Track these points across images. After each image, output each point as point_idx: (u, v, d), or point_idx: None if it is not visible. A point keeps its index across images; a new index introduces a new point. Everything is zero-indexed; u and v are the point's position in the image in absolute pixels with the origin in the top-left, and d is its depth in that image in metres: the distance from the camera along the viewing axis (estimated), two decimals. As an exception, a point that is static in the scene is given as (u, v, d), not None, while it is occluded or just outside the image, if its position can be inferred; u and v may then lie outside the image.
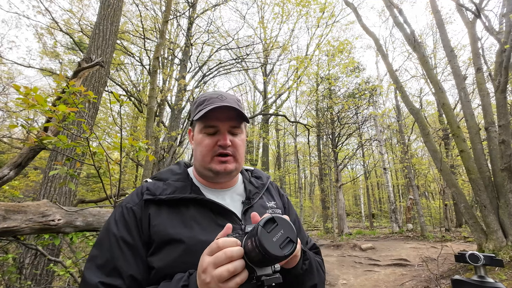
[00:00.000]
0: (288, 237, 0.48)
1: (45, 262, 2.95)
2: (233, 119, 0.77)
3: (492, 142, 4.97)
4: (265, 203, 0.84)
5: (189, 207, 0.72)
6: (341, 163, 14.27)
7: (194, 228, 0.69)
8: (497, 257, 0.96)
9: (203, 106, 0.77)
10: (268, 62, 12.85)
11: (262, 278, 0.49)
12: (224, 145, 0.75)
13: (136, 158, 9.17)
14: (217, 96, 0.78)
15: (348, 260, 7.38)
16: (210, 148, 0.76)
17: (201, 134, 0.77)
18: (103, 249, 0.66)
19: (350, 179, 21.97)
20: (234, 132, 0.78)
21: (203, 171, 0.79)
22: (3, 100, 10.62)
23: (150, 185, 0.76)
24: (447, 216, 11.59)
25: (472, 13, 5.25)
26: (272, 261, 0.47)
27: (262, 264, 0.49)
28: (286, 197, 0.98)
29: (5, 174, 2.01)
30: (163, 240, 0.66)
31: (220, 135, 0.76)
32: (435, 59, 14.92)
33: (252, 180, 0.91)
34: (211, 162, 0.76)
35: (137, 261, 0.65)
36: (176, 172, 0.83)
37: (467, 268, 4.65)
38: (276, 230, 0.48)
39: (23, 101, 1.58)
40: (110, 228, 0.69)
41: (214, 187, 0.82)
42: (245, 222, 0.75)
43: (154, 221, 0.69)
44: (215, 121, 0.76)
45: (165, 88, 8.86)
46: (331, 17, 12.32)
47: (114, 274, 0.62)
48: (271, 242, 0.46)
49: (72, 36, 7.48)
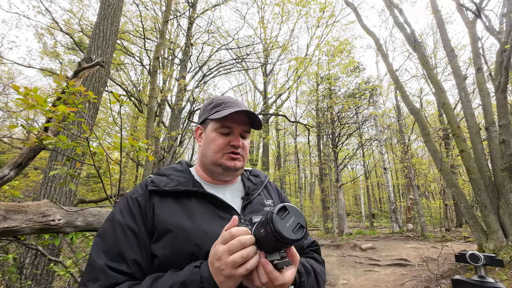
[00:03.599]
0: (299, 223, 0.53)
1: (46, 262, 2.95)
2: (247, 123, 0.84)
3: (492, 142, 4.96)
4: (263, 201, 0.88)
5: (191, 200, 0.76)
6: (341, 163, 14.26)
7: (196, 218, 0.72)
8: (498, 257, 0.96)
9: (221, 108, 0.83)
10: (268, 62, 12.84)
11: (275, 262, 0.55)
12: (237, 146, 0.81)
13: (136, 158, 9.17)
14: (233, 101, 0.86)
15: (348, 260, 7.38)
16: (222, 146, 0.81)
17: (214, 132, 0.82)
18: (107, 237, 0.68)
19: (350, 179, 21.96)
20: (244, 135, 0.85)
21: (212, 167, 0.83)
22: (3, 100, 10.63)
23: (154, 178, 0.80)
24: (447, 216, 11.58)
25: (473, 13, 5.25)
26: (284, 244, 0.52)
27: (274, 249, 0.55)
28: (284, 195, 1.01)
29: (5, 174, 2.01)
30: (165, 228, 0.68)
31: (233, 136, 0.82)
32: (435, 59, 14.90)
33: (250, 177, 0.95)
34: (222, 158, 0.81)
35: (141, 248, 0.67)
36: (178, 169, 0.87)
37: (467, 268, 4.64)
38: (289, 217, 0.53)
39: (22, 101, 1.58)
40: (115, 217, 0.71)
41: (215, 183, 0.86)
42: (244, 217, 0.78)
43: (158, 210, 0.71)
44: (231, 123, 0.82)
45: (165, 88, 8.86)
46: (331, 17, 12.31)
47: (118, 259, 0.64)
48: (285, 227, 0.51)
49: (72, 36, 7.47)
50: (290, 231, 0.51)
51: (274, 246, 0.54)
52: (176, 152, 7.62)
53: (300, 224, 0.53)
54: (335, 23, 13.27)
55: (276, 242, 0.51)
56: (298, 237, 0.52)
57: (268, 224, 0.51)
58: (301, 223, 0.53)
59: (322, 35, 12.79)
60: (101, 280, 0.61)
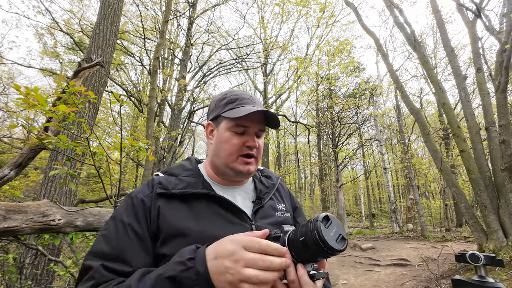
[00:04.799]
0: (340, 234, 0.52)
1: (46, 262, 2.95)
2: (262, 122, 0.79)
3: (492, 142, 4.96)
4: (275, 205, 0.84)
5: (200, 202, 0.73)
6: (341, 163, 14.26)
7: (205, 222, 0.69)
8: (498, 257, 0.96)
9: (235, 105, 0.77)
10: (268, 62, 12.83)
11: (311, 273, 0.53)
12: (253, 147, 0.77)
13: (136, 158, 9.17)
14: (248, 97, 0.79)
15: (349, 260, 7.38)
16: (238, 147, 0.76)
17: (228, 131, 0.77)
18: (109, 235, 0.65)
19: (350, 179, 21.95)
20: (259, 135, 0.80)
21: (224, 169, 0.79)
22: (3, 100, 10.63)
23: (162, 179, 0.76)
24: (447, 216, 11.58)
25: (473, 12, 5.25)
26: (327, 254, 0.50)
27: (309, 260, 0.53)
28: (296, 200, 0.97)
29: (5, 174, 2.01)
30: (172, 232, 0.66)
31: (249, 136, 0.77)
32: (435, 59, 14.90)
33: (262, 179, 0.91)
34: (236, 161, 0.77)
35: (142, 249, 0.65)
36: (187, 168, 0.83)
37: (467, 268, 4.64)
38: (332, 226, 0.51)
39: (23, 101, 1.58)
40: (118, 216, 0.68)
41: (225, 184, 0.82)
42: (255, 222, 0.75)
43: (164, 212, 0.69)
44: (247, 121, 0.76)
45: (165, 88, 8.87)
46: (331, 17, 12.30)
47: (117, 259, 0.61)
48: (330, 237, 0.49)
49: (73, 36, 7.47)
50: (334, 240, 0.49)
51: (311, 255, 0.51)
52: (176, 152, 7.62)
53: (341, 235, 0.51)
54: (335, 23, 13.26)
55: (317, 252, 0.49)
56: (342, 248, 0.50)
57: (312, 232, 0.49)
58: (343, 234, 0.52)
59: (322, 35, 12.78)
60: (95, 278, 0.58)
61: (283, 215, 0.83)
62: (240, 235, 0.53)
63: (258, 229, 0.73)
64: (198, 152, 16.76)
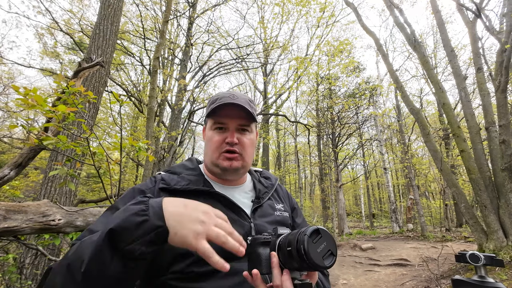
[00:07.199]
0: (329, 250, 0.50)
1: (46, 262, 2.95)
2: (243, 117, 0.79)
3: (492, 142, 4.96)
4: (273, 205, 0.86)
5: (199, 199, 0.72)
6: (341, 163, 14.26)
7: None
8: (498, 257, 0.96)
9: (215, 104, 0.78)
10: (268, 62, 12.82)
11: (295, 282, 0.52)
12: (231, 142, 0.77)
13: (136, 158, 9.17)
14: (229, 95, 0.79)
15: (349, 260, 7.37)
16: (218, 144, 0.78)
17: (211, 130, 0.80)
18: (102, 219, 0.64)
19: (351, 179, 21.96)
20: (242, 131, 0.80)
21: (212, 167, 0.81)
22: (3, 100, 10.64)
23: (165, 176, 0.78)
24: (447, 216, 11.58)
25: (473, 12, 5.24)
26: (311, 269, 0.49)
27: (297, 269, 0.52)
28: (294, 201, 0.98)
29: (5, 174, 2.01)
30: None
31: (228, 132, 0.78)
32: (435, 59, 14.89)
33: (261, 180, 0.93)
34: (219, 158, 0.78)
35: None
36: (189, 167, 0.85)
37: (467, 268, 4.64)
38: (321, 241, 0.49)
39: (22, 101, 1.58)
40: (115, 205, 0.67)
41: (224, 184, 0.83)
42: (254, 221, 0.76)
43: None
44: (224, 118, 0.78)
45: (165, 88, 8.87)
46: (331, 17, 12.29)
47: None
48: (316, 253, 0.48)
49: (73, 36, 7.47)
50: (320, 257, 0.48)
51: (298, 267, 0.51)
52: (176, 152, 7.62)
53: (331, 251, 0.50)
54: (335, 23, 13.25)
55: (301, 264, 0.48)
56: (327, 265, 0.48)
57: (298, 244, 0.48)
58: (332, 250, 0.50)
59: (322, 35, 12.77)
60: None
61: (282, 215, 0.85)
62: None
63: (256, 226, 0.75)
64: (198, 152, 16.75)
